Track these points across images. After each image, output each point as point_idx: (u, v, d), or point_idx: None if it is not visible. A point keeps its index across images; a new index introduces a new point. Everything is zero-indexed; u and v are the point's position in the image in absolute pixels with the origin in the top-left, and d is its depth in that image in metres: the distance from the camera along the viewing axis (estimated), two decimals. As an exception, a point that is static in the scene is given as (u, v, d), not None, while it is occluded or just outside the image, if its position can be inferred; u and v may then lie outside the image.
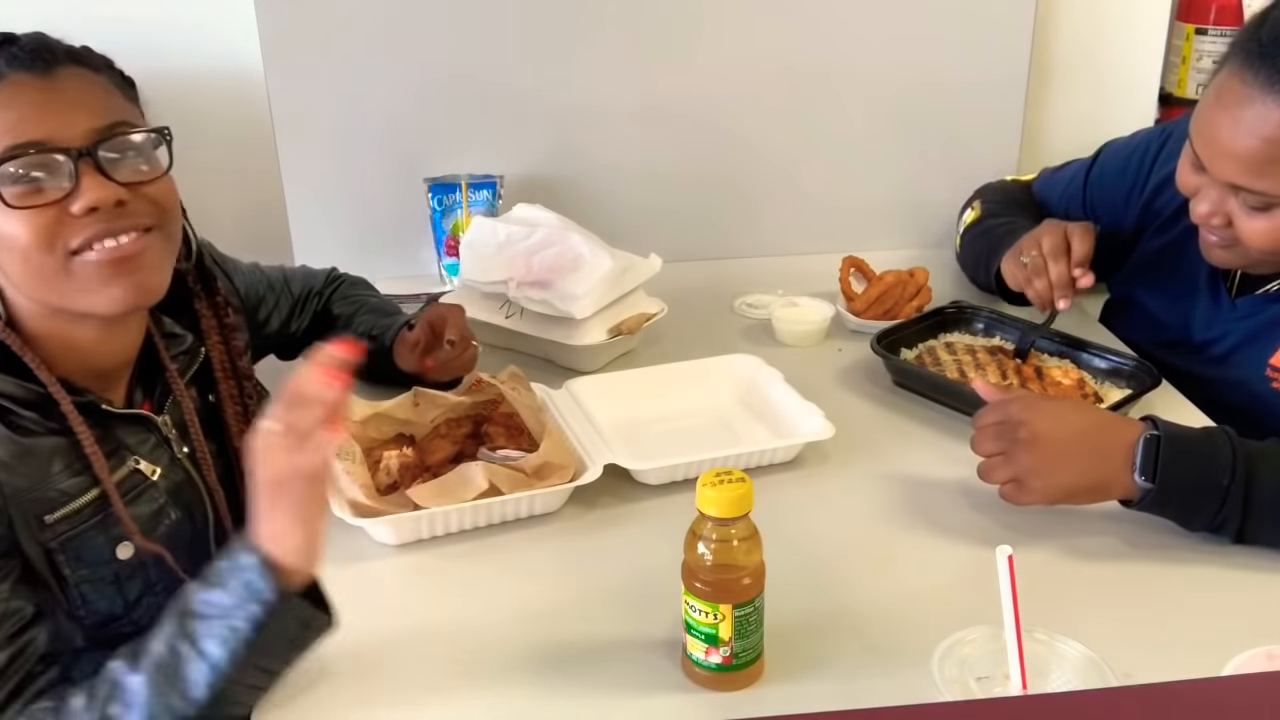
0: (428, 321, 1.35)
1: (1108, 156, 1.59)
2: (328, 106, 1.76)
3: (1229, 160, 1.20)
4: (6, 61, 1.03)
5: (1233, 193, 1.22)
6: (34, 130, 1.02)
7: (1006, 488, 1.12)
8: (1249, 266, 1.33)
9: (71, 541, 1.06)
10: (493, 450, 1.23)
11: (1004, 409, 1.13)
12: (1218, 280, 1.41)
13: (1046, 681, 0.87)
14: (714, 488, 0.90)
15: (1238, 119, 1.17)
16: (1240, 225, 1.24)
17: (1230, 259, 1.31)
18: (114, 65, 1.11)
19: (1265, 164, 1.17)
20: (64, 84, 1.05)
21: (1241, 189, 1.21)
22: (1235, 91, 1.18)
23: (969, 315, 1.55)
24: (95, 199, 1.02)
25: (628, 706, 0.94)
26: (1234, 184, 1.21)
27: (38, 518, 1.04)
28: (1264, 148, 1.16)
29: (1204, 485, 1.08)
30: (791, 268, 1.81)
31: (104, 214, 1.03)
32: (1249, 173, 1.19)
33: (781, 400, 1.35)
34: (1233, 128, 1.18)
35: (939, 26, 1.81)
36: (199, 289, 1.21)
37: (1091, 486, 1.11)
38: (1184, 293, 1.45)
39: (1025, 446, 1.10)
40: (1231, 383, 1.37)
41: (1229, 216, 1.24)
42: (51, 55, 1.06)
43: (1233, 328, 1.38)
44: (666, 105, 1.81)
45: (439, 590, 1.10)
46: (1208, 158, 1.23)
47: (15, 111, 1.02)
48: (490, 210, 1.75)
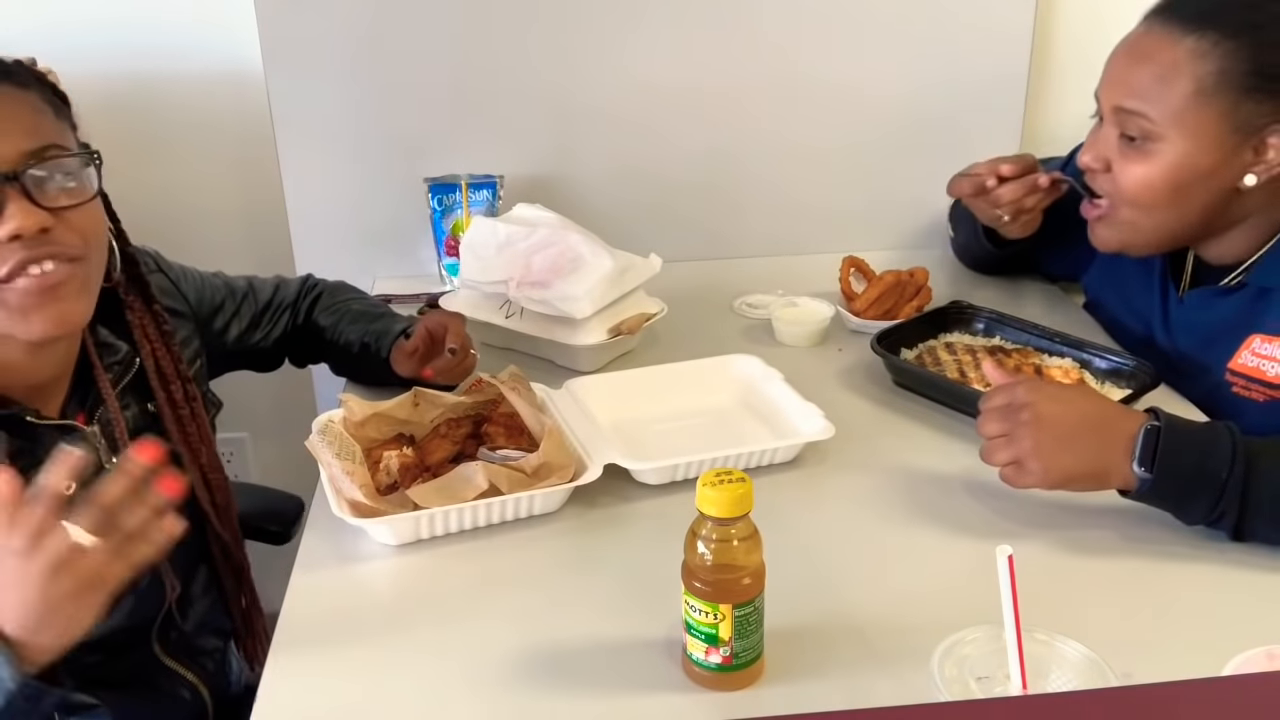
0: (426, 329, 1.32)
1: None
2: (328, 106, 1.76)
3: (1118, 84, 1.28)
4: None
5: (1116, 125, 1.28)
6: None
7: (1006, 469, 1.12)
8: (1126, 243, 1.35)
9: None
10: (493, 450, 1.23)
11: (1011, 391, 1.13)
12: (1166, 277, 1.42)
13: (1046, 681, 0.87)
14: (714, 488, 0.90)
15: (1132, 47, 1.29)
16: (1117, 170, 1.29)
17: (1107, 234, 1.35)
18: (45, 80, 1.08)
19: (1149, 83, 1.24)
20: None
21: (1123, 112, 1.26)
22: (1137, 31, 1.29)
23: (969, 315, 1.55)
24: (19, 226, 0.99)
25: (628, 706, 0.94)
26: (1119, 106, 1.27)
27: None
28: (1151, 67, 1.24)
29: (1202, 477, 1.08)
30: (791, 268, 1.81)
31: (27, 241, 1.00)
32: (1133, 93, 1.26)
33: (781, 400, 1.35)
34: (1126, 55, 1.29)
35: (939, 27, 1.81)
36: (131, 299, 1.18)
37: (1091, 473, 1.11)
38: (1140, 293, 1.47)
39: (1028, 429, 1.10)
40: (1192, 388, 1.37)
41: (1109, 161, 1.30)
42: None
43: (1184, 325, 1.39)
44: (667, 105, 1.81)
45: (439, 590, 1.10)
46: (1102, 91, 1.31)
47: None
48: (490, 210, 1.75)
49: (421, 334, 1.32)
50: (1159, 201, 1.27)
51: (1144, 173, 1.26)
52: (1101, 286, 1.56)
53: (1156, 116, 1.24)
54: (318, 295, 1.48)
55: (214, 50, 1.83)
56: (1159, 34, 1.25)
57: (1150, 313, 1.45)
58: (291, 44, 1.72)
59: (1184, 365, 1.39)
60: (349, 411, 1.25)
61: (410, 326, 1.37)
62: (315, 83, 1.74)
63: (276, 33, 1.71)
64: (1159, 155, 1.25)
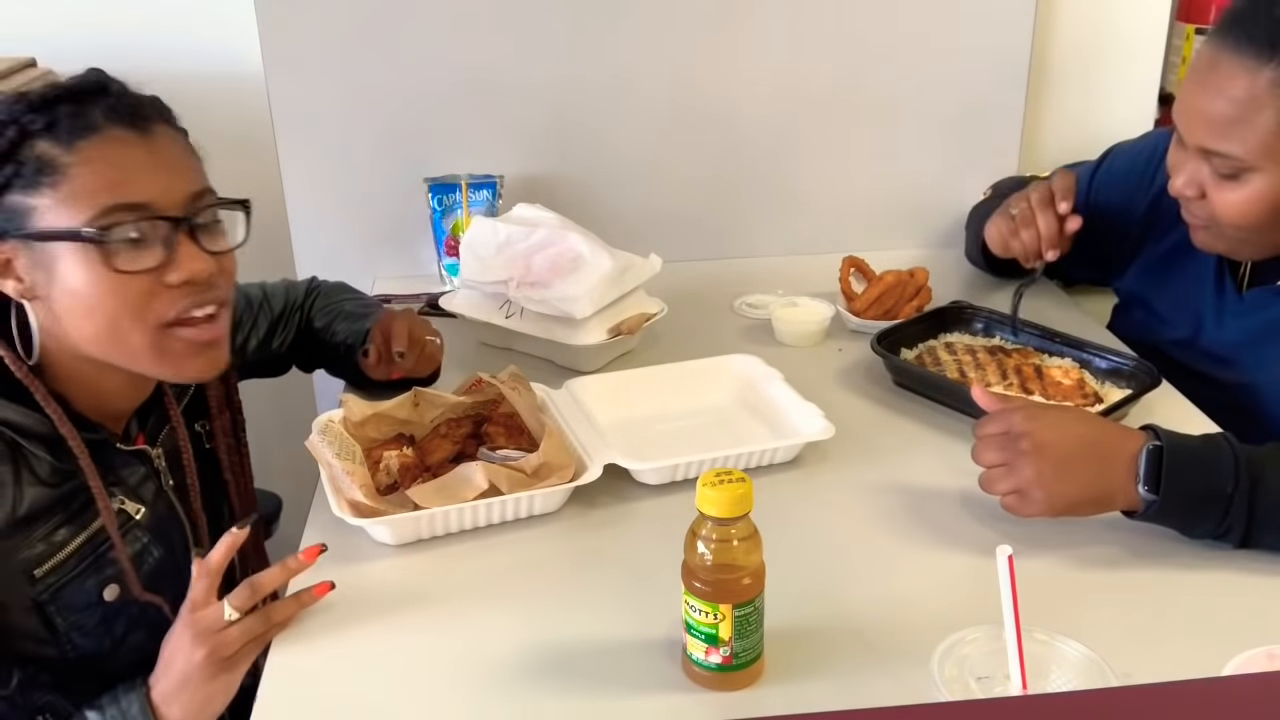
0: (380, 334, 1.33)
1: (1115, 158, 1.59)
2: (328, 106, 1.76)
3: (1199, 123, 1.22)
4: (104, 113, 1.00)
5: (1205, 160, 1.24)
6: (137, 192, 1.00)
7: (1009, 499, 1.11)
8: (1231, 250, 1.33)
9: (61, 591, 1.05)
10: (493, 450, 1.23)
11: (1006, 419, 1.11)
12: (1224, 274, 1.40)
13: (1046, 681, 0.87)
14: (714, 488, 0.90)
15: (1205, 82, 1.21)
16: (1213, 198, 1.25)
17: (1210, 241, 1.32)
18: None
19: (1230, 124, 1.19)
20: (160, 145, 1.03)
21: (1211, 153, 1.22)
22: (1205, 59, 1.21)
23: (969, 315, 1.55)
24: (192, 271, 1.02)
25: (628, 706, 0.94)
26: (1204, 148, 1.23)
27: (26, 574, 1.02)
28: (1229, 108, 1.18)
29: (1208, 494, 1.07)
30: (791, 268, 1.81)
31: (195, 286, 1.03)
32: (1216, 134, 1.21)
33: (781, 400, 1.35)
34: (1201, 91, 1.21)
35: (939, 26, 1.80)
36: None
37: (1095, 498, 1.10)
38: (1192, 290, 1.44)
39: (1028, 458, 1.08)
40: (1242, 386, 1.36)
41: (1203, 188, 1.26)
42: (147, 112, 1.04)
43: (1240, 323, 1.37)
44: (667, 105, 1.81)
45: (439, 590, 1.10)
46: (1183, 126, 1.25)
47: (117, 170, 1.00)
48: (490, 210, 1.75)
49: (376, 340, 1.33)
50: (1261, 224, 1.24)
51: (1241, 200, 1.23)
52: (1144, 285, 1.54)
53: (1245, 154, 1.20)
54: (316, 297, 1.48)
55: (214, 50, 1.83)
56: (1232, 63, 1.18)
57: (1202, 309, 1.43)
58: (291, 44, 1.72)
59: (1238, 360, 1.38)
60: (349, 411, 1.25)
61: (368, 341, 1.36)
62: (315, 83, 1.74)
63: (276, 33, 1.71)
64: (1254, 184, 1.22)
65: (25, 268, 1.00)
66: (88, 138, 0.99)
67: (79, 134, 0.98)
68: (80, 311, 1.01)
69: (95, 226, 0.98)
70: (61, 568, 1.05)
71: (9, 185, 0.97)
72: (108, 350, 1.03)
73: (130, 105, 1.02)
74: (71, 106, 1.00)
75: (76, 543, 1.06)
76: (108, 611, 1.08)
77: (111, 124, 1.00)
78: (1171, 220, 1.46)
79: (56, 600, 1.05)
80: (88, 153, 0.98)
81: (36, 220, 0.98)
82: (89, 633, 1.08)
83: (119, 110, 1.01)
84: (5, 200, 0.98)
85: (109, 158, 0.99)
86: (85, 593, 1.07)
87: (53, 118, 0.98)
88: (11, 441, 1.02)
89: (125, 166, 1.00)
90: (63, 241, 0.98)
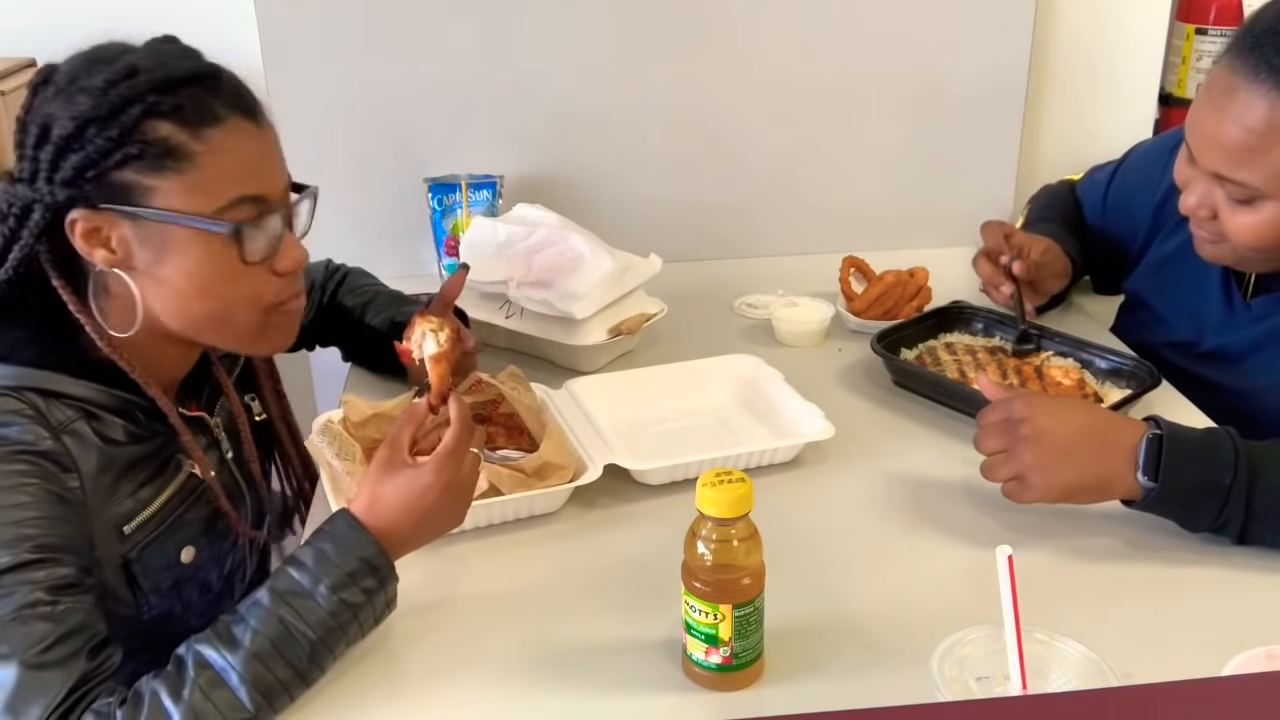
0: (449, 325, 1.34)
1: (1133, 159, 1.59)
2: (327, 106, 1.76)
3: (1213, 149, 1.20)
4: (224, 103, 1.01)
5: (1219, 184, 1.22)
6: (258, 184, 1.02)
7: (1008, 485, 1.12)
8: (1238, 263, 1.32)
9: (145, 549, 1.06)
10: (493, 450, 1.23)
11: (1008, 406, 1.13)
12: (1230, 281, 1.39)
13: (1046, 681, 0.87)
14: (714, 488, 0.90)
15: (1223, 108, 1.18)
16: (1225, 219, 1.24)
17: (1218, 254, 1.31)
18: None
19: (1246, 153, 1.17)
20: (269, 135, 1.05)
21: (1225, 179, 1.21)
22: (1223, 82, 1.19)
23: (969, 315, 1.55)
24: (296, 260, 1.06)
25: (628, 706, 0.94)
26: (1218, 174, 1.21)
27: (116, 529, 1.04)
28: (1246, 137, 1.17)
29: (1207, 484, 1.07)
30: (791, 268, 1.81)
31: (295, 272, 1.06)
32: (1231, 162, 1.19)
33: (781, 400, 1.35)
34: (1218, 117, 1.19)
35: (939, 28, 1.81)
36: None
37: (1094, 485, 1.11)
38: (1196, 294, 1.44)
39: (1028, 443, 1.09)
40: (1246, 391, 1.36)
41: (1215, 209, 1.25)
42: (257, 102, 1.05)
43: (1246, 331, 1.37)
44: (666, 106, 1.81)
45: (439, 590, 1.10)
46: (1196, 147, 1.23)
47: (242, 161, 1.01)
48: (490, 210, 1.75)
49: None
50: (1273, 245, 1.23)
51: (1255, 224, 1.22)
52: (1147, 287, 1.54)
53: (1262, 184, 1.18)
54: (343, 277, 1.50)
55: (214, 50, 1.82)
56: (1248, 90, 1.16)
57: (1205, 315, 1.42)
58: (291, 43, 1.72)
59: (1238, 368, 1.38)
60: (349, 411, 1.25)
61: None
62: (315, 82, 1.74)
63: (276, 33, 1.71)
64: (1267, 210, 1.20)
65: (123, 240, 1.00)
66: (215, 126, 0.99)
67: (207, 122, 0.99)
68: (193, 292, 1.02)
69: (222, 216, 0.99)
70: (146, 525, 1.06)
71: (126, 162, 0.97)
72: (206, 328, 1.05)
73: (245, 95, 1.04)
74: (194, 91, 1.00)
75: (159, 502, 1.07)
76: (181, 574, 1.11)
77: (232, 113, 1.01)
78: (1177, 222, 1.46)
79: (141, 559, 1.06)
80: (216, 142, 0.99)
81: (153, 199, 0.98)
82: (165, 594, 1.09)
83: (237, 100, 1.02)
84: (117, 175, 0.97)
85: (235, 148, 1.00)
86: (165, 553, 1.09)
87: (178, 101, 0.98)
88: (84, 411, 1.02)
89: (247, 158, 1.02)
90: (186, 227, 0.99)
